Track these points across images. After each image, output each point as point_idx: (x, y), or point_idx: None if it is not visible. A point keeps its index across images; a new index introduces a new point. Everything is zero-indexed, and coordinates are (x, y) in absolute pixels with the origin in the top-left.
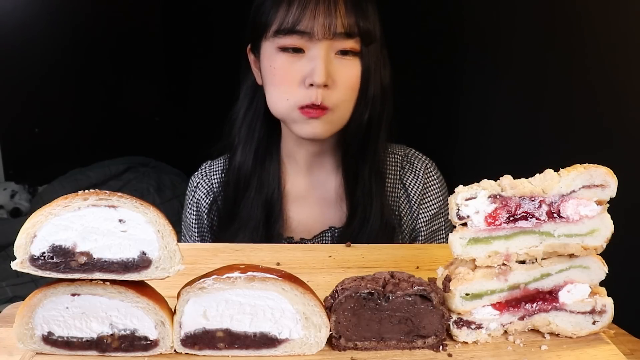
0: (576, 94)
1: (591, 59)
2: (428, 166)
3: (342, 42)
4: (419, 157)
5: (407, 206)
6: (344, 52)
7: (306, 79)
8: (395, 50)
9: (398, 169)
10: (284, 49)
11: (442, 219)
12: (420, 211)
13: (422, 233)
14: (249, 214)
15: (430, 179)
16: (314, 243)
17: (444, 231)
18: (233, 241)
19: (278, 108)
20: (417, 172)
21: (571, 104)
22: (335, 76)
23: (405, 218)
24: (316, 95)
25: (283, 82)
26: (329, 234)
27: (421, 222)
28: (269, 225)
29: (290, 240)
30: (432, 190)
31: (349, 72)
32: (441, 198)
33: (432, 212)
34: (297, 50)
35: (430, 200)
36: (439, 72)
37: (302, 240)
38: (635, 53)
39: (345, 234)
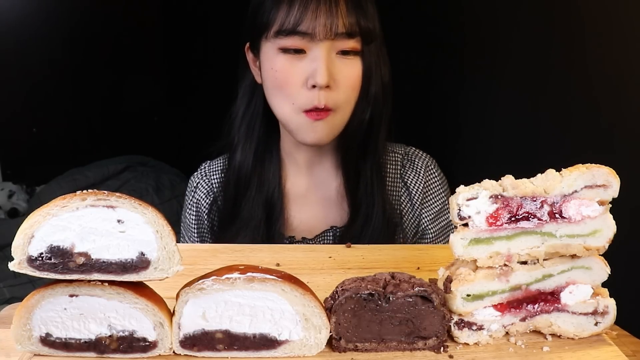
0: (577, 94)
1: (592, 58)
2: (429, 164)
3: (344, 42)
4: (420, 155)
5: (408, 204)
6: (345, 52)
7: (308, 80)
8: (396, 48)
9: (399, 167)
10: (285, 50)
11: (447, 216)
12: (424, 209)
13: (430, 231)
14: (249, 214)
15: (432, 176)
16: (315, 243)
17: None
18: (234, 241)
19: (284, 113)
20: (418, 170)
21: (573, 104)
22: (337, 76)
23: (407, 216)
24: (319, 97)
25: (285, 84)
26: (331, 234)
27: (426, 221)
28: (270, 224)
29: (291, 239)
30: (434, 187)
31: (351, 71)
32: (443, 195)
33: (436, 209)
34: (298, 51)
35: (433, 197)
36: (439, 71)
37: (304, 240)
38: (636, 52)
39: (348, 233)
